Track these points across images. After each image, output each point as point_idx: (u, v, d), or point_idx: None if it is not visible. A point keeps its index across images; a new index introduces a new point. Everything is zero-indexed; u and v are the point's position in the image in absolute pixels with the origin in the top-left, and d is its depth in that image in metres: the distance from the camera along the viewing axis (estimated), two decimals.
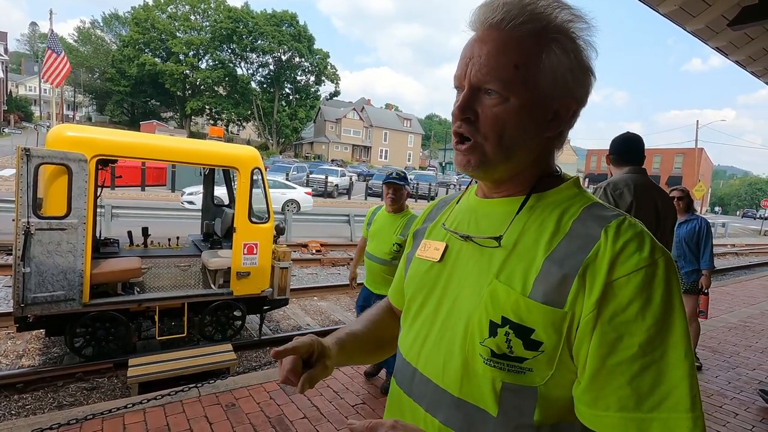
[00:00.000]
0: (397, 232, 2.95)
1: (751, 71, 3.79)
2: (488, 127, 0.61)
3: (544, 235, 0.60)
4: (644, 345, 0.52)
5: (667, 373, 0.51)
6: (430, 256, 0.73)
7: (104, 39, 52.49)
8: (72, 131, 3.48)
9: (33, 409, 3.12)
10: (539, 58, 0.59)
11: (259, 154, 4.41)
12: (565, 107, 0.63)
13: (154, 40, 46.08)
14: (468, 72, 0.62)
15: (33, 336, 4.24)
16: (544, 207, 0.63)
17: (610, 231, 0.56)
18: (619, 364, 0.52)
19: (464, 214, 0.73)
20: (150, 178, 17.38)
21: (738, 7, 2.71)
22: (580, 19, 0.61)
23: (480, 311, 0.61)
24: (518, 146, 0.62)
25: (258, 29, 46.57)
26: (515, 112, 0.60)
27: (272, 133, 50.52)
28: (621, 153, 2.29)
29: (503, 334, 0.58)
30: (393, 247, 2.94)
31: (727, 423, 2.93)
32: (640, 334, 0.52)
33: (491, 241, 0.64)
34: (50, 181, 3.30)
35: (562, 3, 0.61)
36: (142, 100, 49.81)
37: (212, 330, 4.23)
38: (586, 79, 0.63)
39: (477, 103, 0.62)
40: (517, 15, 0.59)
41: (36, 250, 3.19)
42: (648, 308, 0.52)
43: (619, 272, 0.54)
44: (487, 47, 0.60)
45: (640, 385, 0.51)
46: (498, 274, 0.61)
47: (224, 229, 4.87)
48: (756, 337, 4.89)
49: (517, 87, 0.59)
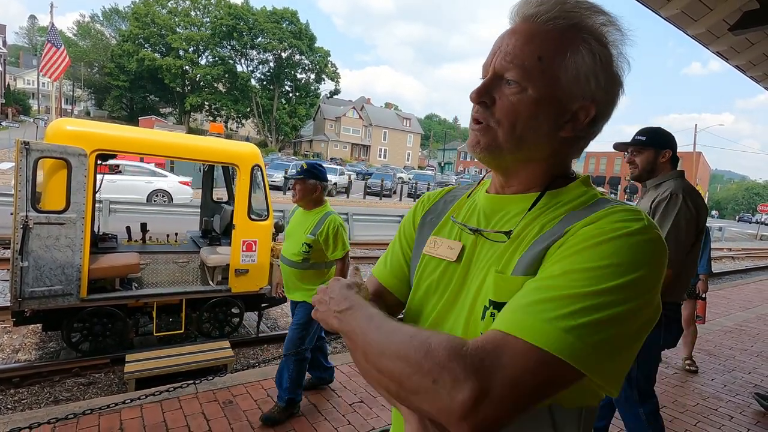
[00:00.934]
0: (307, 230, 2.64)
1: (751, 76, 3.80)
2: (503, 114, 0.62)
3: (544, 225, 0.61)
4: (567, 272, 0.51)
5: (568, 297, 0.49)
6: (443, 254, 0.71)
7: (104, 33, 52.20)
8: (72, 125, 3.46)
9: (29, 403, 3.11)
10: (564, 54, 0.60)
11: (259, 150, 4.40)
12: (584, 110, 0.62)
13: (154, 36, 45.90)
14: (494, 61, 0.63)
15: (30, 330, 4.23)
16: (556, 203, 0.64)
17: (603, 207, 0.57)
18: (535, 281, 0.53)
19: (473, 209, 0.73)
20: None
21: (739, 11, 2.72)
22: (615, 26, 0.61)
23: (479, 300, 0.62)
24: (530, 138, 0.62)
25: (258, 26, 46.44)
26: (531, 103, 0.60)
27: (271, 130, 50.41)
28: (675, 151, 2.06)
29: (489, 315, 0.59)
30: (302, 248, 2.63)
31: (723, 426, 2.94)
32: (569, 264, 0.51)
33: (501, 236, 0.64)
34: (49, 175, 3.29)
35: (601, 9, 0.61)
36: (141, 95, 49.62)
37: (210, 327, 4.23)
38: (613, 88, 0.62)
39: (496, 90, 0.62)
40: (550, 9, 0.60)
41: (34, 244, 3.18)
42: (595, 249, 0.51)
43: (589, 227, 0.54)
44: (515, 37, 0.61)
45: (536, 293, 0.51)
46: (499, 265, 0.62)
47: (223, 225, 4.86)
48: (752, 340, 4.91)
49: (537, 78, 0.59)
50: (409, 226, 0.84)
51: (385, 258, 0.86)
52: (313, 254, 2.64)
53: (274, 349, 4.41)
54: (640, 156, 2.07)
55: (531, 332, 0.47)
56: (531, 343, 0.47)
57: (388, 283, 0.83)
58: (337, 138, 54.20)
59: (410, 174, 33.93)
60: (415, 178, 28.96)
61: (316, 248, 2.62)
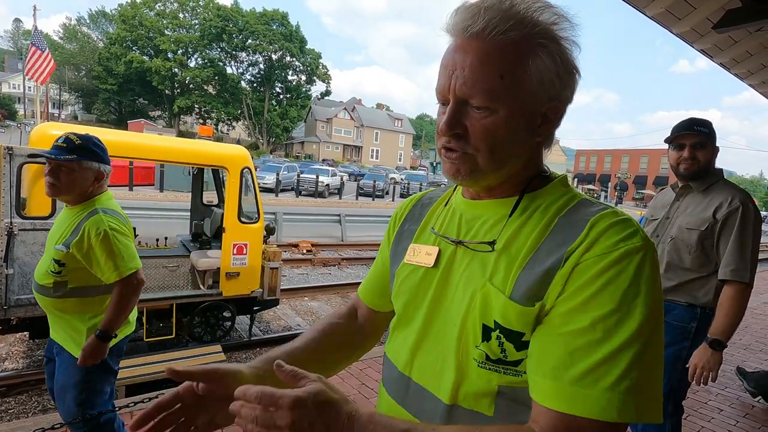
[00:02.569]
0: (62, 237, 1.71)
1: (735, 73, 3.86)
2: (479, 140, 0.59)
3: (533, 234, 0.60)
4: (596, 321, 0.51)
5: (612, 352, 0.50)
6: (422, 261, 0.70)
7: (91, 36, 51.66)
8: (56, 130, 3.41)
9: (16, 413, 3.06)
10: (525, 65, 0.57)
11: (249, 153, 4.37)
12: (554, 110, 0.62)
13: (142, 38, 45.48)
14: (452, 85, 0.59)
15: (17, 338, 4.16)
16: (535, 207, 0.63)
17: (594, 220, 0.57)
18: (567, 335, 0.52)
19: (452, 216, 0.71)
20: (138, 177, 17.13)
21: (722, 10, 2.75)
22: (563, 18, 0.59)
23: (474, 315, 0.60)
24: (510, 155, 0.61)
25: (248, 28, 46.23)
26: (505, 123, 0.58)
27: (263, 132, 50.19)
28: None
29: (495, 338, 0.58)
30: (50, 267, 1.71)
31: (712, 419, 2.98)
32: (596, 310, 0.52)
33: (485, 246, 0.62)
34: (34, 181, 3.24)
35: (544, 3, 0.59)
36: (129, 98, 49.13)
37: (201, 331, 4.19)
38: (572, 79, 0.62)
39: (464, 117, 0.60)
40: (499, 22, 0.56)
41: (19, 251, 3.13)
42: (613, 285, 0.52)
43: (593, 252, 0.54)
44: (470, 58, 0.57)
45: (582, 358, 0.51)
46: (491, 277, 0.60)
47: (213, 229, 4.82)
48: (740, 333, 4.98)
49: (504, 97, 0.57)
50: (386, 244, 0.84)
51: (368, 279, 0.87)
52: (71, 275, 1.72)
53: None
54: (702, 151, 1.89)
55: (597, 410, 0.49)
56: (602, 420, 0.49)
57: (374, 304, 0.85)
58: (328, 139, 54.12)
59: (402, 174, 33.96)
60: (408, 179, 29.01)
61: (71, 266, 1.70)
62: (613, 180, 51.45)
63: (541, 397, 0.53)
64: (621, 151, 54.01)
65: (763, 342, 4.74)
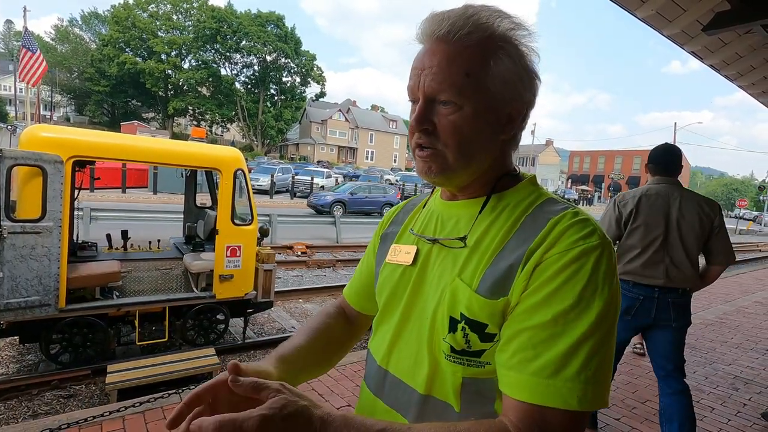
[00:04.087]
0: None
1: (725, 75, 3.90)
2: (447, 135, 0.63)
3: (501, 232, 0.63)
4: (558, 316, 0.54)
5: (573, 345, 0.53)
6: (402, 260, 0.74)
7: (83, 38, 51.22)
8: (46, 132, 3.38)
9: (6, 418, 3.02)
10: (488, 65, 0.62)
11: (243, 155, 4.36)
12: (517, 111, 0.66)
13: (135, 40, 45.16)
14: (421, 83, 0.63)
15: (6, 343, 4.10)
16: (504, 206, 0.66)
17: (555, 220, 0.60)
18: (532, 328, 0.55)
19: (430, 217, 0.76)
20: (131, 179, 17.00)
21: (711, 12, 2.78)
22: (521, 26, 0.64)
23: (442, 308, 0.63)
24: (477, 151, 0.65)
25: (243, 30, 46.06)
26: (471, 119, 0.62)
27: (257, 134, 50.00)
28: (654, 163, 2.45)
29: (460, 329, 0.61)
30: None
31: (704, 417, 3.00)
32: (557, 305, 0.55)
33: (457, 242, 0.66)
34: (24, 183, 3.20)
35: (502, 13, 0.63)
36: (122, 100, 48.76)
37: (195, 334, 4.16)
38: (533, 82, 0.66)
39: (433, 113, 0.63)
40: (462, 26, 0.61)
41: (9, 254, 3.09)
42: (572, 281, 0.55)
43: (555, 249, 0.57)
44: (437, 58, 0.62)
45: (545, 350, 0.54)
46: (460, 272, 0.63)
47: (207, 231, 4.79)
48: (732, 333, 5.03)
49: (470, 94, 0.61)
50: (371, 248, 0.88)
51: (353, 281, 0.91)
52: None
53: (261, 356, 4.36)
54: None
55: (560, 399, 0.53)
56: (566, 409, 0.53)
57: (359, 305, 0.89)
58: (323, 141, 54.01)
59: (397, 176, 33.98)
60: (402, 180, 29.01)
61: None
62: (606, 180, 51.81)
63: (509, 390, 0.56)
64: (614, 152, 54.45)
65: (754, 341, 4.79)
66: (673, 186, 2.36)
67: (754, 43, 3.21)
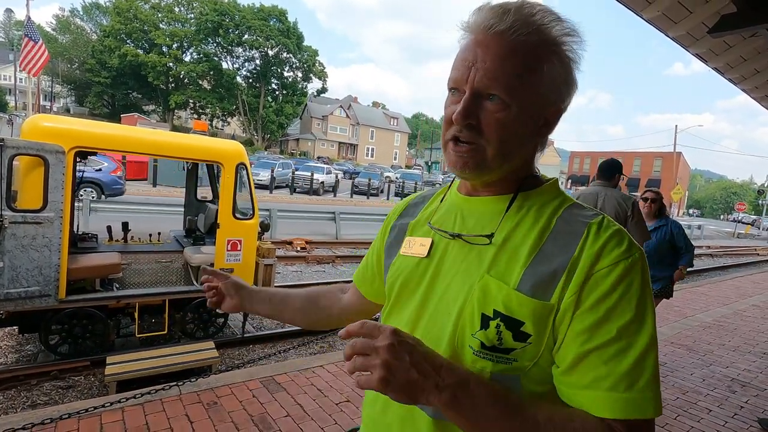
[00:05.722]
0: None
1: (729, 78, 3.90)
2: (491, 132, 0.63)
3: (533, 232, 0.64)
4: (621, 330, 0.57)
5: (639, 357, 0.56)
6: (416, 252, 0.74)
7: (84, 28, 50.91)
8: (48, 121, 3.37)
9: (5, 408, 3.02)
10: (541, 68, 0.62)
11: (245, 149, 4.35)
12: (554, 115, 0.67)
13: (137, 31, 44.88)
14: (471, 77, 0.62)
15: (6, 333, 4.11)
16: (530, 206, 0.67)
17: (593, 228, 0.62)
18: (598, 347, 0.57)
19: (449, 211, 0.75)
20: (131, 172, 16.95)
21: (717, 15, 2.78)
22: (575, 33, 0.64)
23: (472, 305, 0.63)
24: (515, 151, 0.65)
25: (245, 23, 45.83)
26: (516, 119, 0.62)
27: (258, 128, 49.85)
28: (598, 170, 3.21)
29: (494, 326, 0.61)
30: None
31: (701, 419, 3.02)
32: (618, 320, 0.57)
33: (482, 239, 0.66)
34: (25, 173, 3.19)
35: (559, 17, 0.64)
36: (123, 92, 48.50)
37: (194, 327, 4.16)
38: (573, 90, 0.67)
39: (479, 109, 0.62)
40: (523, 26, 0.61)
41: (10, 244, 3.09)
42: (627, 296, 0.58)
43: (601, 264, 0.59)
44: (491, 53, 0.61)
45: (616, 365, 0.56)
46: (489, 269, 0.63)
47: (207, 224, 4.79)
48: (729, 335, 5.05)
49: (520, 94, 0.61)
50: (380, 238, 0.89)
51: (361, 267, 0.95)
52: None
53: (260, 350, 4.37)
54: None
55: (638, 410, 0.55)
56: (645, 418, 0.56)
57: (364, 290, 0.93)
58: (324, 137, 53.92)
59: (397, 173, 33.93)
60: (403, 177, 28.97)
61: None
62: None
63: (590, 408, 0.57)
64: (614, 153, 54.42)
65: (752, 344, 4.81)
66: (602, 187, 3.07)
67: (759, 46, 3.21)
